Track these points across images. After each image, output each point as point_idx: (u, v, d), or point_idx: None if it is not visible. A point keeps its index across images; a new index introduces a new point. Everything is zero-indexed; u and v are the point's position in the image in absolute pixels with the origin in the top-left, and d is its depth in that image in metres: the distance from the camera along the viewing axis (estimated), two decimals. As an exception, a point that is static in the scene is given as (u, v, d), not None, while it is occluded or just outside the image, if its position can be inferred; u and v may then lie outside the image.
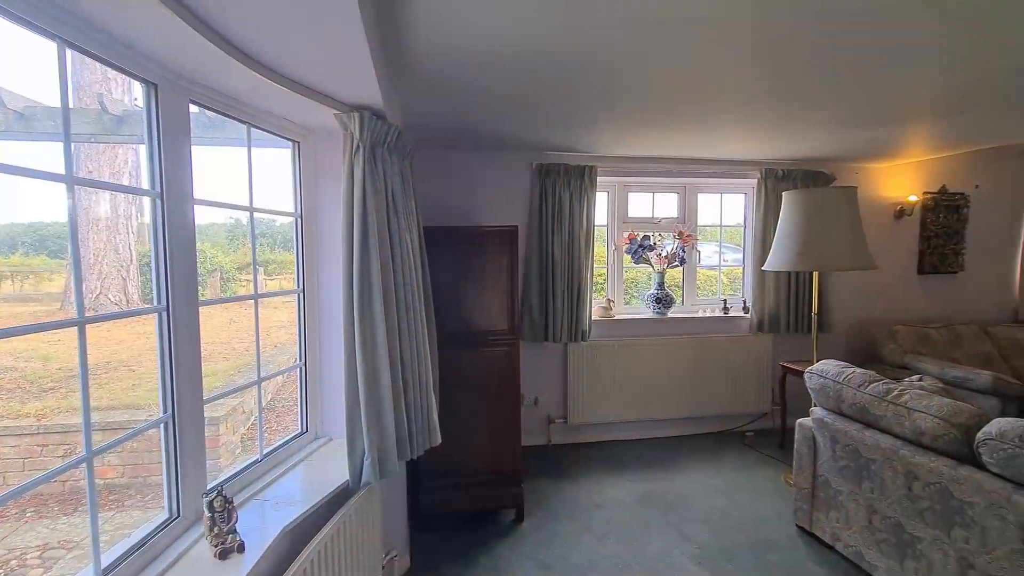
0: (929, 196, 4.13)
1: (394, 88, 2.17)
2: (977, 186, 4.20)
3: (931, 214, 4.13)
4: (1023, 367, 3.78)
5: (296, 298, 2.01)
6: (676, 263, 3.94)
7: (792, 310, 3.90)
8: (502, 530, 2.65)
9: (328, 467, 1.87)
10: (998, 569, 1.68)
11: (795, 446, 2.58)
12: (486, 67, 1.95)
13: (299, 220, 1.97)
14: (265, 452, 1.84)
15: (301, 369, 2.03)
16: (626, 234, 3.93)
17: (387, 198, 1.81)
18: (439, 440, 2.09)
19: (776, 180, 3.82)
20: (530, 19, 1.55)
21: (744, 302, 4.11)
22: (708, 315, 4.06)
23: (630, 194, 4.02)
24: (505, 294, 2.66)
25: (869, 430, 2.17)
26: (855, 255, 2.73)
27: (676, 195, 4.14)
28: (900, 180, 4.12)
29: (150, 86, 1.33)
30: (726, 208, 4.26)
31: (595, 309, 3.89)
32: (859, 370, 2.33)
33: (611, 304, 3.94)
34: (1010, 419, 1.72)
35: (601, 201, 4.01)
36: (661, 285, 3.94)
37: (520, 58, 1.87)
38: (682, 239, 3.92)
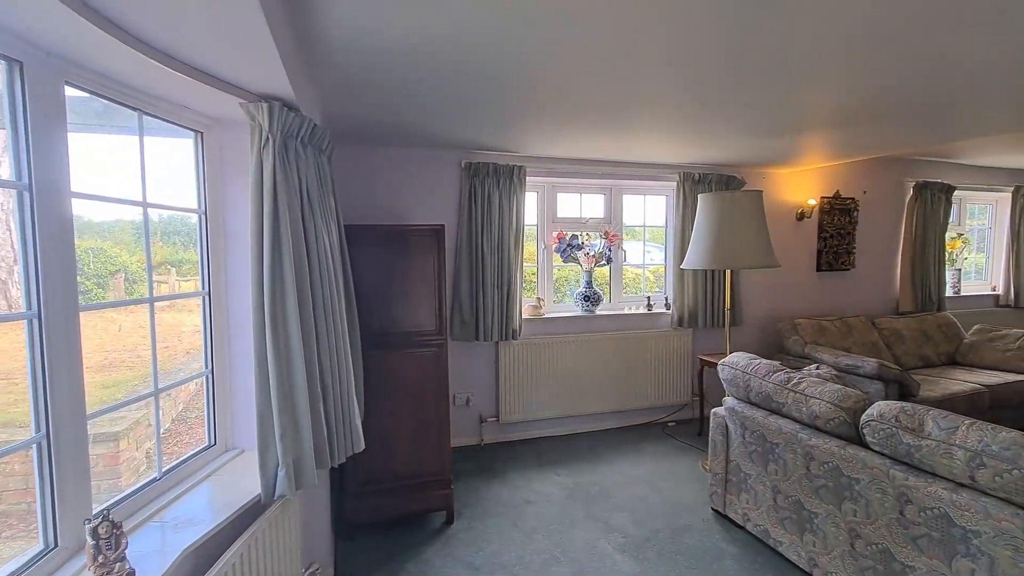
0: (825, 200, 4.53)
1: (310, 80, 2.07)
2: (865, 192, 4.66)
3: (827, 216, 4.54)
4: (903, 354, 4.24)
5: (201, 300, 1.87)
6: (603, 262, 4.06)
7: (709, 306, 4.13)
8: (432, 533, 2.61)
9: (239, 481, 1.75)
10: (880, 537, 1.87)
11: (710, 434, 2.74)
12: (402, 62, 1.90)
13: (203, 216, 1.83)
14: (165, 469, 1.70)
15: (208, 377, 1.88)
16: (555, 233, 4.00)
17: (302, 194, 1.72)
18: (362, 446, 2.02)
19: (693, 183, 4.04)
20: (435, 14, 1.52)
21: (666, 299, 4.31)
22: (634, 312, 4.22)
23: (559, 194, 4.10)
24: (432, 294, 2.62)
25: (773, 416, 2.35)
26: (761, 254, 2.94)
27: (603, 196, 4.27)
28: (801, 185, 4.49)
29: (13, 63, 1.17)
30: (649, 209, 4.45)
31: (526, 308, 3.93)
32: (765, 361, 2.51)
33: (541, 303, 3.99)
34: (888, 402, 1.92)
35: (531, 201, 4.05)
36: (589, 283, 4.04)
37: (436, 54, 1.84)
38: (608, 239, 4.04)
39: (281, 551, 1.73)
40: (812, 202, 4.47)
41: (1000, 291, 5.33)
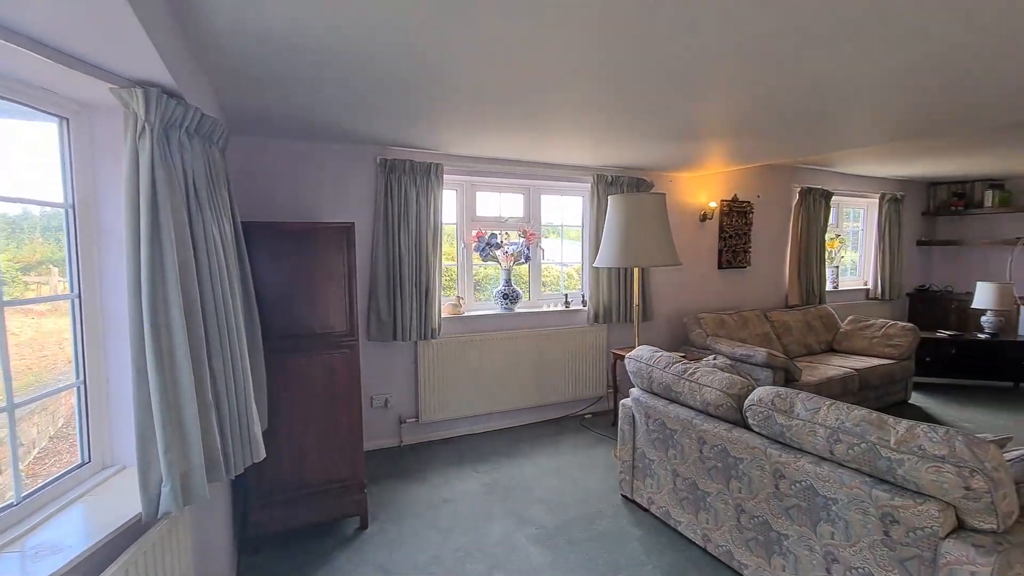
0: (725, 203, 4.90)
1: (200, 67, 1.93)
2: (759, 196, 5.10)
3: (727, 218, 4.91)
4: (790, 343, 4.69)
5: (71, 304, 1.69)
6: (522, 260, 4.14)
7: (622, 303, 4.34)
8: (344, 540, 2.54)
9: (118, 501, 1.60)
10: (760, 511, 2.06)
11: (619, 424, 2.88)
12: (297, 50, 1.82)
13: (71, 211, 1.65)
14: (26, 493, 1.52)
15: (80, 388, 1.71)
16: (475, 232, 4.02)
17: (188, 188, 1.61)
18: (263, 454, 1.92)
19: (607, 185, 4.22)
20: (315, 4, 1.49)
21: (583, 296, 4.47)
22: (553, 309, 4.34)
23: (478, 193, 4.12)
24: (342, 294, 2.54)
25: (673, 404, 2.52)
26: (664, 253, 3.13)
27: (522, 196, 4.34)
28: (704, 189, 4.83)
29: None
30: (567, 209, 4.59)
31: (445, 307, 3.92)
32: (665, 354, 2.68)
33: (461, 301, 4.00)
34: (767, 387, 2.12)
35: (450, 199, 4.04)
36: (509, 282, 4.10)
37: (329, 48, 1.79)
38: (527, 237, 4.12)
39: (168, 572, 1.61)
40: (713, 205, 4.82)
41: (870, 285, 6.04)
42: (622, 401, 2.87)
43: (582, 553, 2.42)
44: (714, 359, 2.79)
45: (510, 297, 4.09)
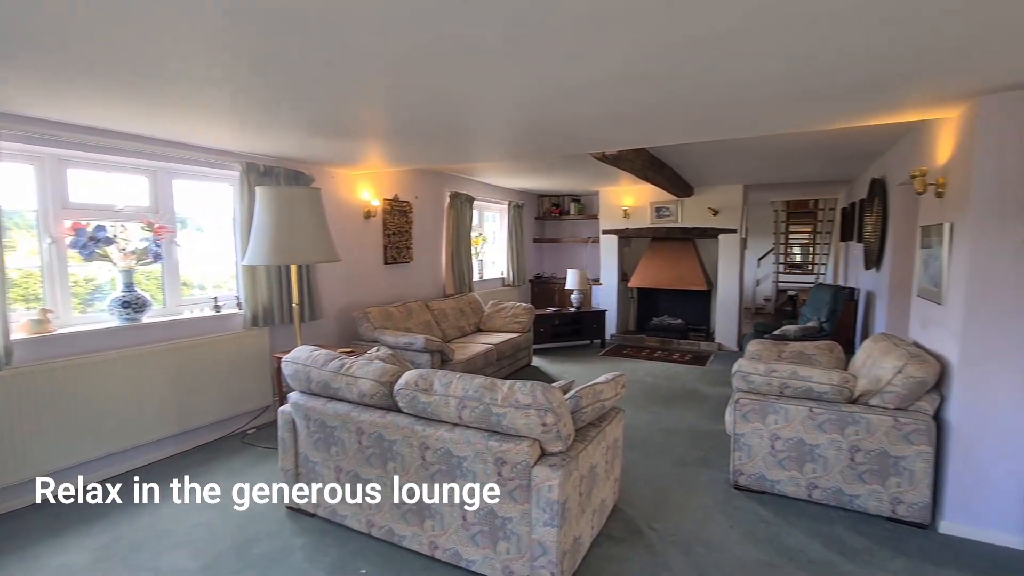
0: (387, 202, 5.18)
1: None
2: (416, 197, 5.59)
3: (389, 216, 5.21)
4: (448, 328, 5.34)
5: None
6: (149, 259, 3.38)
7: (285, 302, 4.06)
8: None
9: None
10: (414, 484, 2.27)
11: (279, 433, 2.70)
12: None
13: None
14: None
15: None
16: (69, 223, 3.06)
17: None
18: None
19: (259, 175, 3.85)
20: None
21: (238, 298, 3.98)
22: (197, 315, 3.71)
23: (69, 171, 3.13)
24: None
25: (332, 402, 2.51)
26: (322, 250, 3.09)
27: (147, 179, 3.54)
28: (367, 186, 4.98)
29: None
30: (214, 199, 4.00)
31: (19, 325, 2.85)
32: (324, 351, 2.65)
33: (48, 316, 2.98)
34: (413, 371, 2.35)
35: (23, 176, 2.94)
36: (130, 286, 3.29)
37: None
38: (155, 231, 3.39)
39: None
40: (376, 203, 5.03)
41: (505, 275, 7.45)
42: (280, 408, 2.70)
43: (236, 585, 2.17)
44: (377, 350, 2.91)
45: (133, 305, 3.28)
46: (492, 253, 7.55)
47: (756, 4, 1.48)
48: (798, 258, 10.10)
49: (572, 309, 6.96)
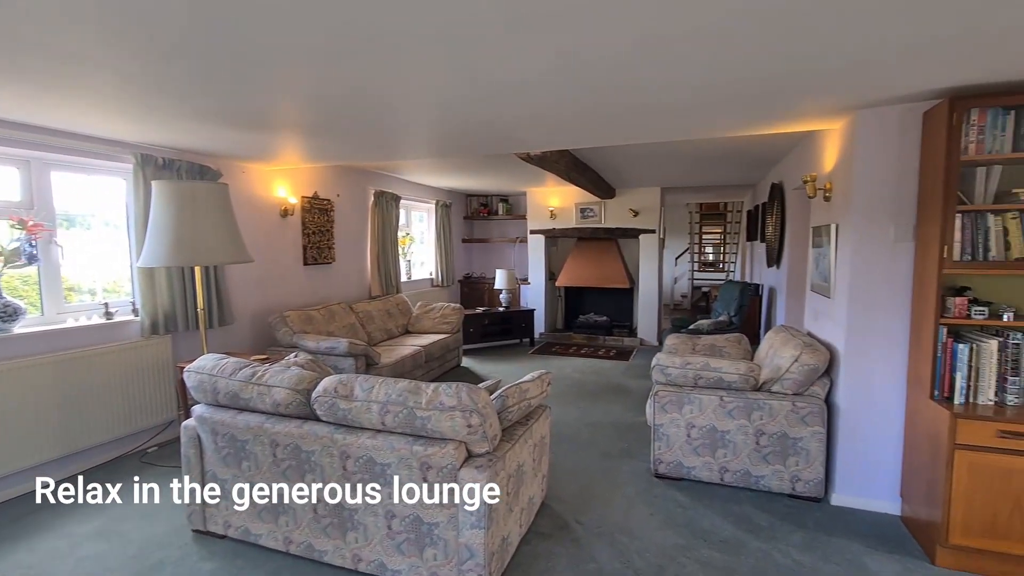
0: (306, 200, 4.93)
1: None
2: (338, 195, 5.36)
3: (309, 215, 4.95)
4: (374, 330, 5.17)
5: None
6: (22, 262, 2.98)
7: (189, 307, 3.74)
8: None
9: None
10: (334, 496, 2.16)
11: (182, 450, 2.47)
12: None
13: None
14: None
15: None
16: (-86, 220, 2.62)
17: None
18: None
19: (156, 168, 3.51)
20: None
21: (133, 303, 3.62)
22: (84, 324, 3.32)
23: (-85, 160, 2.69)
24: None
25: (242, 414, 2.33)
26: (230, 250, 2.87)
27: (18, 171, 3.11)
28: (284, 183, 4.70)
29: None
30: (103, 194, 3.60)
31: None
32: (232, 359, 2.46)
33: None
34: (332, 377, 2.24)
35: None
36: (-3, 292, 2.88)
37: None
38: (29, 230, 2.99)
39: None
40: (294, 200, 4.76)
41: (434, 275, 7.34)
42: (183, 424, 2.47)
43: (132, 622, 1.96)
44: (295, 356, 2.75)
45: (2, 315, 2.88)
46: (420, 253, 7.41)
47: (668, 22, 1.55)
48: (711, 257, 10.81)
49: (501, 309, 6.99)
